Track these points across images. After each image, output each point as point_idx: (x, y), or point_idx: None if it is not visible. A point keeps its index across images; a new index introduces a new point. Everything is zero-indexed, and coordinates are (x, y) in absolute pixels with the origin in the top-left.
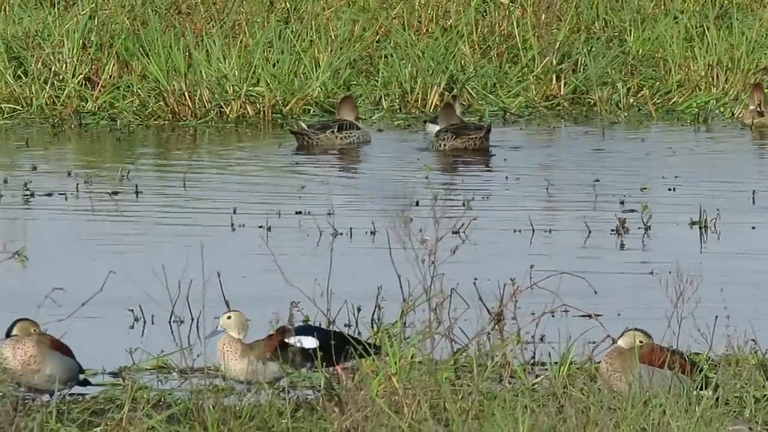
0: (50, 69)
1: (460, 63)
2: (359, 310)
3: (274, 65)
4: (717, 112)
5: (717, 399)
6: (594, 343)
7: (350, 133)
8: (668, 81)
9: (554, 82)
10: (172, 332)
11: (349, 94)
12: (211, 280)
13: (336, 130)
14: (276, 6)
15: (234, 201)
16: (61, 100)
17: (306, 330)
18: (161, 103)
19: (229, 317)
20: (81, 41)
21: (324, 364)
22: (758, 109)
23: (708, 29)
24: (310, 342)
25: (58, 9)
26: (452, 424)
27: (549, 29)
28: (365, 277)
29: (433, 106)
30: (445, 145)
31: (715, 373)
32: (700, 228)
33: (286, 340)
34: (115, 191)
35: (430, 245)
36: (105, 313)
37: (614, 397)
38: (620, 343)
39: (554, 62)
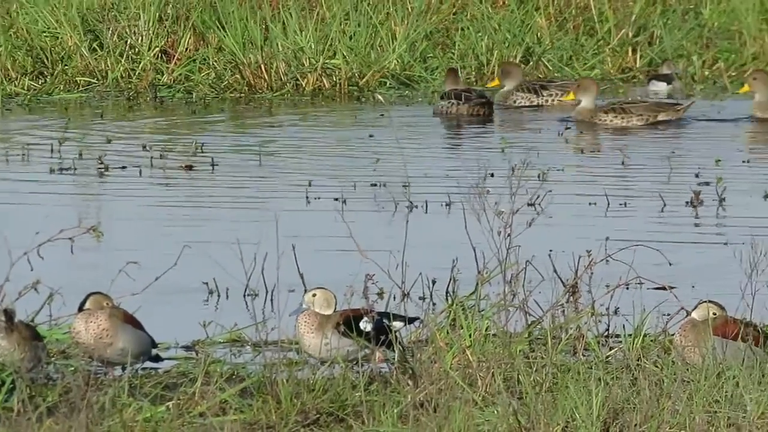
0: (126, 42)
1: (537, 35)
2: (434, 282)
3: (350, 38)
4: None
5: None
6: (668, 315)
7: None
8: (744, 53)
9: (630, 54)
10: (246, 306)
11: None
12: (285, 254)
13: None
14: None
15: (309, 174)
16: (137, 73)
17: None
18: (237, 75)
19: (314, 294)
20: (157, 14)
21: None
22: None
23: None
24: (368, 326)
25: None
26: (526, 396)
27: (625, 2)
28: (440, 250)
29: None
30: (451, 110)
31: None
32: None
33: (361, 322)
34: (190, 164)
35: (505, 217)
36: (179, 287)
37: (688, 369)
38: (694, 315)
39: (630, 35)
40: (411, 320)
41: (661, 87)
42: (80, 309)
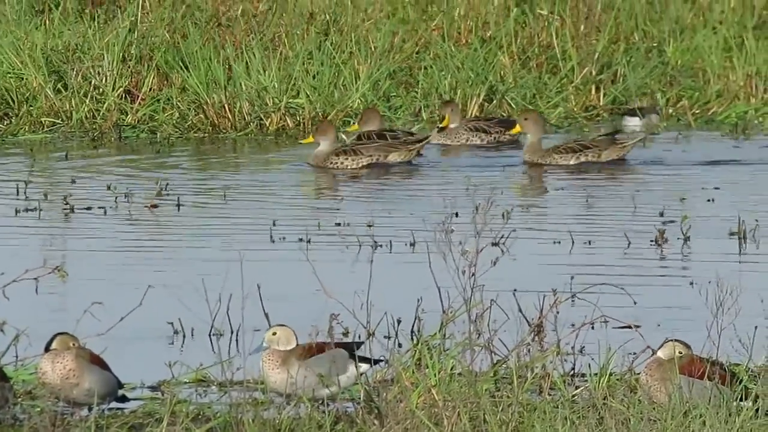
0: (90, 82)
1: (500, 74)
2: (399, 322)
3: (313, 77)
4: (756, 121)
5: (757, 410)
6: (634, 354)
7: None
8: (707, 91)
9: (593, 92)
10: (211, 345)
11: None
12: (250, 293)
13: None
14: (315, 18)
15: (274, 213)
16: (101, 114)
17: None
18: (201, 115)
19: (274, 333)
20: (121, 54)
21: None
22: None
23: (746, 39)
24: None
25: (98, 22)
26: None
27: (588, 40)
28: (405, 289)
29: (472, 116)
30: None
31: (755, 384)
32: (740, 238)
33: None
34: (155, 204)
35: (470, 256)
36: (144, 327)
37: (654, 408)
38: (660, 354)
39: (593, 73)
40: (376, 361)
41: (633, 122)
42: (47, 349)
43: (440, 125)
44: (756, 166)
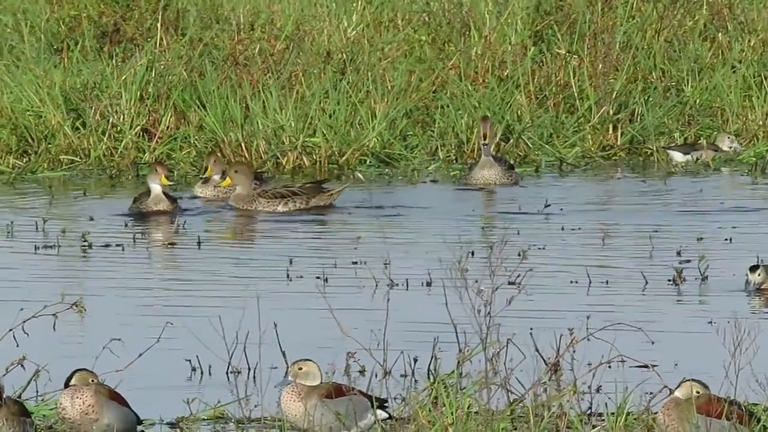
0: (108, 120)
1: (517, 113)
2: (416, 360)
3: (330, 116)
4: None
5: None
6: (651, 393)
7: None
8: (726, 130)
9: (611, 131)
10: (229, 383)
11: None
12: (267, 331)
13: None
14: (332, 57)
15: (290, 251)
16: (119, 152)
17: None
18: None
19: (300, 368)
20: (138, 93)
21: None
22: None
23: (766, 78)
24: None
25: (116, 61)
26: None
27: (606, 79)
28: (421, 328)
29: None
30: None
31: None
32: None
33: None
34: (172, 242)
35: (486, 295)
36: (162, 364)
37: None
38: (677, 393)
39: (611, 112)
40: (391, 417)
41: (677, 157)
42: (66, 385)
43: (204, 176)
44: None
